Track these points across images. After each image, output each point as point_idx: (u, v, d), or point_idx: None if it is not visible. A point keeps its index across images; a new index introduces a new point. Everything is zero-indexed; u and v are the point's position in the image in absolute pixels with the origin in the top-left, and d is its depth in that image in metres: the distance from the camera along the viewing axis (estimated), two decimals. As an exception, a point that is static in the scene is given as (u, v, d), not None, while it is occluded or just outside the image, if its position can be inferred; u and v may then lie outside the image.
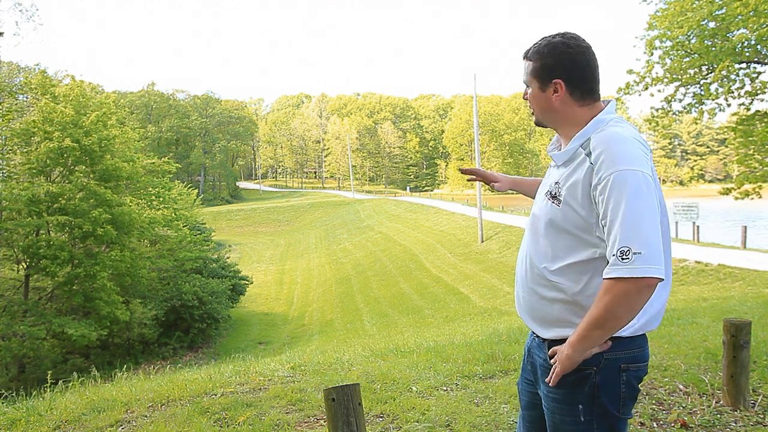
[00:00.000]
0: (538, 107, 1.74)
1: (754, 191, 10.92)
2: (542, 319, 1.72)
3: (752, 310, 7.47)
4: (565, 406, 1.67)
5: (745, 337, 3.47)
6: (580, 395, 1.64)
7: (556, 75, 1.67)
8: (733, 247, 19.01)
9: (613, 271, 1.46)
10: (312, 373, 4.51)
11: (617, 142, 1.54)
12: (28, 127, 17.62)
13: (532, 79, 1.72)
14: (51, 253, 16.28)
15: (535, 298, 1.72)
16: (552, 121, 1.75)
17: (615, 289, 1.46)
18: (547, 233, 1.67)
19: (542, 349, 1.76)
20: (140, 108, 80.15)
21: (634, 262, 1.43)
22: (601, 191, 1.50)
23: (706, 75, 10.30)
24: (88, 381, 5.38)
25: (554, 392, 1.68)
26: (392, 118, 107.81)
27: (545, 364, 1.74)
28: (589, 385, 1.62)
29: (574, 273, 1.62)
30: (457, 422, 3.34)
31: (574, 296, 1.62)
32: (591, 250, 1.59)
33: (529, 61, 1.72)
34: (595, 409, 1.63)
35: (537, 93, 1.72)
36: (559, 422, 1.69)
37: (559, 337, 1.68)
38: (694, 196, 59.30)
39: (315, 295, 28.83)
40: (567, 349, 1.60)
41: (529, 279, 1.73)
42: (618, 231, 1.46)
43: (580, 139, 1.64)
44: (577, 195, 1.57)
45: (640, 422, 3.34)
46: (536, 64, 1.70)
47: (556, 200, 1.64)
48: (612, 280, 1.46)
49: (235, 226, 56.80)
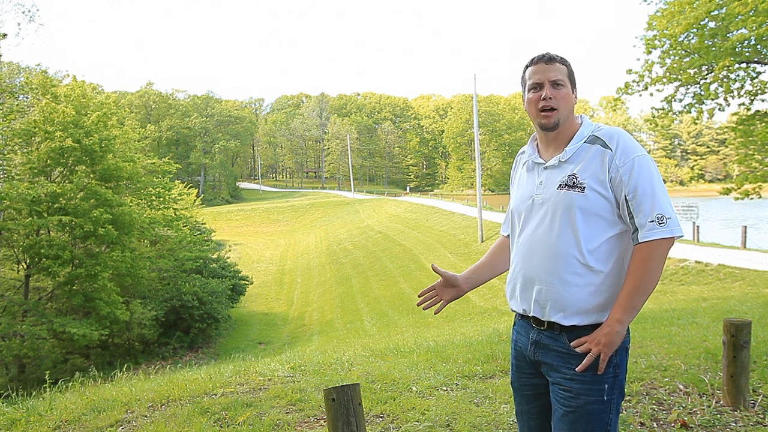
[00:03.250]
0: (568, 107, 1.88)
1: (754, 191, 10.91)
2: (569, 308, 1.82)
3: (752, 310, 7.48)
4: (592, 387, 1.80)
5: (745, 337, 3.47)
6: (606, 376, 1.80)
7: (575, 84, 1.92)
8: (733, 247, 19.00)
9: (655, 233, 1.72)
10: (312, 373, 4.51)
11: (625, 134, 1.82)
12: (28, 127, 17.61)
13: (567, 80, 1.88)
14: (53, 252, 16.26)
15: (562, 287, 1.82)
16: (565, 122, 1.89)
17: (657, 249, 1.73)
18: (574, 220, 1.80)
19: (558, 339, 1.86)
20: (139, 108, 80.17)
21: (668, 225, 1.73)
22: (626, 171, 1.76)
23: (706, 75, 10.30)
24: (88, 381, 5.39)
25: (582, 375, 1.80)
26: (392, 118, 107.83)
27: (566, 351, 1.84)
28: (612, 365, 1.80)
29: (605, 252, 1.80)
30: (457, 422, 3.34)
31: (605, 276, 1.80)
32: (617, 228, 1.81)
33: (563, 65, 1.89)
34: (616, 386, 1.82)
35: (570, 93, 1.89)
36: (583, 403, 1.80)
37: (581, 324, 1.82)
38: (694, 195, 59.34)
39: (315, 295, 28.82)
40: (616, 326, 1.75)
41: (556, 269, 1.83)
42: (652, 201, 1.73)
43: (581, 138, 1.87)
44: (599, 179, 1.78)
45: (640, 422, 3.34)
46: (569, 70, 1.90)
47: (576, 188, 1.80)
48: (655, 241, 1.73)
49: (235, 226, 56.76)
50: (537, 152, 1.98)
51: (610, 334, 1.75)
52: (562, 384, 1.84)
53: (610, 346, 1.75)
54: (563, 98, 1.85)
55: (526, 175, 1.99)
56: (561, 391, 1.85)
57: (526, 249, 1.91)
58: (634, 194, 1.74)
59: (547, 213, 1.85)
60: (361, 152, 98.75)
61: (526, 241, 1.92)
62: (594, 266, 1.79)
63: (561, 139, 1.89)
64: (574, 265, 1.80)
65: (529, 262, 1.90)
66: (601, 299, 1.80)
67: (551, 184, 1.86)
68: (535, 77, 1.88)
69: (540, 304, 1.87)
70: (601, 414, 1.81)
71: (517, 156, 2.15)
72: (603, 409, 1.80)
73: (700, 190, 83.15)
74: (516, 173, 2.11)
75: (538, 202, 1.89)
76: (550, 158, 1.91)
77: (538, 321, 1.90)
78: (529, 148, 2.02)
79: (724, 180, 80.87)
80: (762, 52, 9.64)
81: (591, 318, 1.81)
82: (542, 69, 1.86)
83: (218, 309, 21.93)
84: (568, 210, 1.80)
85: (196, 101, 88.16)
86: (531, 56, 1.93)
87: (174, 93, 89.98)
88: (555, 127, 1.87)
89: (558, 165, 1.87)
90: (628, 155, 1.76)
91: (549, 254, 1.84)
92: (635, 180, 1.74)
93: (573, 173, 1.81)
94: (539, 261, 1.86)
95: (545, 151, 1.95)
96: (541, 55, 1.89)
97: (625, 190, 1.75)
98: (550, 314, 1.85)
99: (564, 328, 1.84)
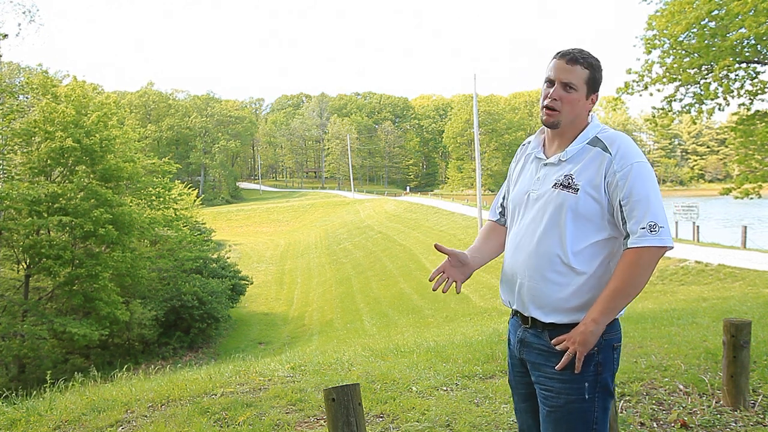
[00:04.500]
0: (573, 112, 1.85)
1: (754, 191, 10.92)
2: (547, 305, 1.83)
3: (752, 310, 7.48)
4: (572, 386, 1.80)
5: (745, 337, 3.47)
6: (586, 374, 1.79)
7: (598, 89, 1.89)
8: (733, 247, 19.02)
9: (645, 241, 1.70)
10: (312, 373, 4.51)
11: (627, 140, 1.81)
12: (29, 127, 17.61)
13: (583, 85, 1.84)
14: (53, 252, 16.27)
15: (543, 285, 1.83)
16: (570, 124, 1.87)
17: (645, 257, 1.71)
18: (563, 220, 1.80)
19: (540, 336, 1.87)
20: (139, 108, 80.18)
21: (660, 234, 1.70)
22: (622, 176, 1.74)
23: (706, 75, 10.29)
24: (88, 381, 5.38)
25: (561, 374, 1.80)
26: (392, 118, 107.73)
27: (547, 348, 1.85)
28: (593, 363, 1.80)
29: (590, 254, 1.80)
30: (457, 422, 3.34)
31: (588, 278, 1.80)
32: (605, 233, 1.80)
33: (584, 69, 1.83)
34: (598, 385, 1.81)
35: (581, 99, 1.85)
36: (564, 402, 1.81)
37: (561, 322, 1.82)
38: (694, 195, 59.32)
39: (315, 295, 28.82)
40: (590, 325, 1.74)
41: (538, 266, 1.83)
42: (646, 208, 1.71)
43: (584, 139, 1.86)
44: (594, 183, 1.77)
45: (640, 422, 3.34)
46: (591, 75, 1.84)
47: (570, 189, 1.80)
48: (643, 248, 1.70)
49: (235, 226, 56.74)
50: (542, 147, 1.98)
51: (585, 333, 1.75)
52: (544, 383, 1.86)
53: (584, 345, 1.75)
54: (569, 102, 1.83)
55: (527, 168, 2.00)
56: (543, 391, 1.87)
57: (515, 243, 1.93)
58: (629, 200, 1.73)
59: (539, 210, 1.86)
60: (361, 152, 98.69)
61: (516, 236, 1.94)
62: (576, 267, 1.79)
63: (566, 136, 1.89)
64: (557, 264, 1.80)
65: (515, 257, 1.91)
66: (582, 300, 1.80)
67: (547, 182, 1.86)
68: (552, 72, 1.85)
69: (521, 298, 1.89)
70: (585, 413, 1.80)
71: (521, 146, 2.13)
72: (586, 408, 1.80)
73: (700, 190, 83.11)
74: (517, 164, 2.09)
75: (533, 197, 1.90)
76: (553, 155, 1.91)
77: (524, 318, 1.91)
78: (535, 141, 2.02)
79: (724, 180, 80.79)
80: (762, 51, 9.64)
81: (571, 317, 1.81)
82: (561, 67, 1.83)
83: (218, 309, 21.93)
84: (558, 209, 1.80)
85: (196, 101, 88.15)
86: (558, 49, 1.89)
87: (174, 93, 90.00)
88: (553, 127, 1.87)
89: (557, 163, 1.87)
90: (627, 161, 1.75)
91: (534, 251, 1.85)
92: (631, 186, 1.73)
93: (569, 173, 1.82)
94: (524, 256, 1.87)
95: (550, 146, 1.95)
96: (567, 51, 1.85)
97: (620, 195, 1.75)
98: (530, 309, 1.87)
99: (545, 326, 1.85)
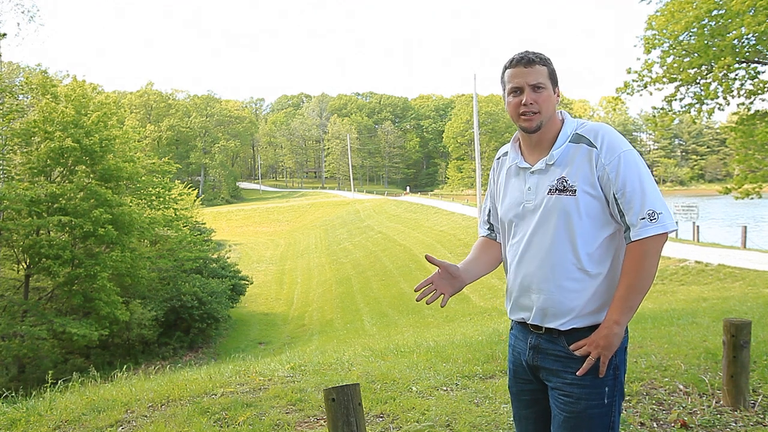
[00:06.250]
0: (550, 109, 1.82)
1: (754, 191, 10.92)
2: (567, 314, 1.79)
3: (752, 310, 7.48)
4: (593, 391, 1.77)
5: (745, 337, 3.47)
6: (606, 378, 1.77)
7: (557, 82, 1.85)
8: (733, 247, 19.02)
9: (647, 231, 1.68)
10: (312, 373, 4.51)
11: (609, 129, 1.78)
12: (28, 127, 17.61)
13: (548, 81, 1.81)
14: (53, 252, 16.27)
15: (560, 294, 1.79)
16: (547, 123, 1.82)
17: (651, 246, 1.68)
18: (570, 225, 1.76)
19: (557, 342, 1.82)
20: (139, 108, 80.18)
21: (660, 221, 1.68)
22: (612, 168, 1.71)
23: (706, 74, 10.29)
24: (88, 381, 5.38)
25: (581, 379, 1.77)
26: (392, 118, 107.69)
27: (565, 354, 1.81)
28: (612, 367, 1.78)
29: (601, 254, 1.77)
30: (457, 422, 3.34)
31: (603, 279, 1.77)
32: (611, 227, 1.77)
33: (542, 66, 1.81)
34: (616, 388, 1.80)
35: (551, 94, 1.82)
36: (584, 408, 1.77)
37: (582, 326, 1.78)
38: (694, 195, 59.31)
39: (315, 295, 28.81)
40: (614, 328, 1.72)
41: (553, 276, 1.79)
42: (642, 197, 1.69)
43: (564, 138, 1.81)
44: (589, 180, 1.74)
45: (640, 422, 3.34)
46: (549, 69, 1.82)
47: (567, 192, 1.76)
48: (647, 238, 1.68)
49: (235, 226, 56.70)
50: (521, 155, 1.91)
51: (609, 336, 1.72)
52: (563, 389, 1.80)
53: (609, 348, 1.73)
54: (545, 101, 1.79)
55: (512, 180, 1.92)
56: (561, 397, 1.81)
57: (519, 257, 1.87)
58: (623, 192, 1.70)
59: (540, 220, 1.80)
60: (361, 152, 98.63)
61: (520, 250, 1.87)
62: (591, 270, 1.76)
63: (545, 140, 1.84)
64: (572, 270, 1.77)
65: (524, 271, 1.85)
66: (599, 302, 1.77)
67: (541, 190, 1.81)
68: (514, 81, 1.80)
69: (539, 312, 1.83)
70: (603, 417, 1.78)
71: (498, 157, 2.06)
72: (604, 413, 1.78)
73: (700, 190, 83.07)
74: (499, 177, 2.03)
75: (529, 208, 1.84)
76: (536, 161, 1.84)
77: (537, 326, 1.87)
78: (512, 151, 1.94)
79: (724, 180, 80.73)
80: (762, 51, 9.64)
81: (589, 320, 1.78)
82: (521, 73, 1.79)
83: (218, 309, 21.92)
84: (561, 215, 1.76)
85: (196, 101, 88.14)
86: (510, 56, 1.84)
87: (174, 93, 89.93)
88: (536, 130, 1.81)
89: (545, 169, 1.81)
90: (614, 152, 1.72)
91: (545, 262, 1.79)
92: (623, 177, 1.70)
93: (562, 176, 1.77)
94: (535, 269, 1.82)
95: (530, 153, 1.89)
96: (519, 56, 1.81)
97: (613, 188, 1.72)
98: (548, 321, 1.82)
99: (563, 332, 1.80)
